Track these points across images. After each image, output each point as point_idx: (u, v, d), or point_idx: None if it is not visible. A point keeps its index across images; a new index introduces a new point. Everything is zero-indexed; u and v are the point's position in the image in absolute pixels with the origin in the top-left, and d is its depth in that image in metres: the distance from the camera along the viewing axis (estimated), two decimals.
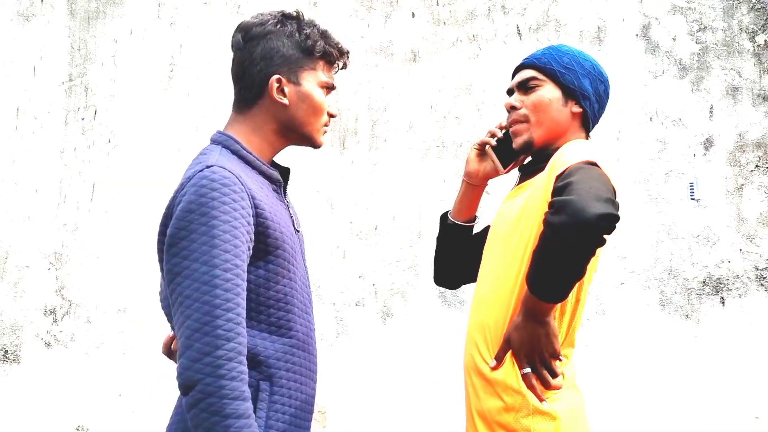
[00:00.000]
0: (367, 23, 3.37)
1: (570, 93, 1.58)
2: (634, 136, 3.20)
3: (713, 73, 3.22)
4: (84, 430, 3.13)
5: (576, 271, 1.28)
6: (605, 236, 1.27)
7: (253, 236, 1.26)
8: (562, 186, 1.31)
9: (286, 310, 1.33)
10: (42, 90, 3.39)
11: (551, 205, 1.29)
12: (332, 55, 1.40)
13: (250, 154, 1.35)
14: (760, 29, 3.24)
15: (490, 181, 1.76)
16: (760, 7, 3.26)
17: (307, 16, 1.41)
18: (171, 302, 1.21)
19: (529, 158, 1.65)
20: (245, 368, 1.19)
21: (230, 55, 1.42)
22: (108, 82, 3.38)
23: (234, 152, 1.34)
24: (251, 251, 1.26)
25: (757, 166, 3.15)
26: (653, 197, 3.15)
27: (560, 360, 1.36)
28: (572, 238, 1.25)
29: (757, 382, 2.98)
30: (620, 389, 3.01)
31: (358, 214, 3.23)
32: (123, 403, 3.13)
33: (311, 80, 1.38)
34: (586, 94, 1.58)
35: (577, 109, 1.59)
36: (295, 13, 1.39)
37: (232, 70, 1.40)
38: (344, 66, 1.45)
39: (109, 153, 3.33)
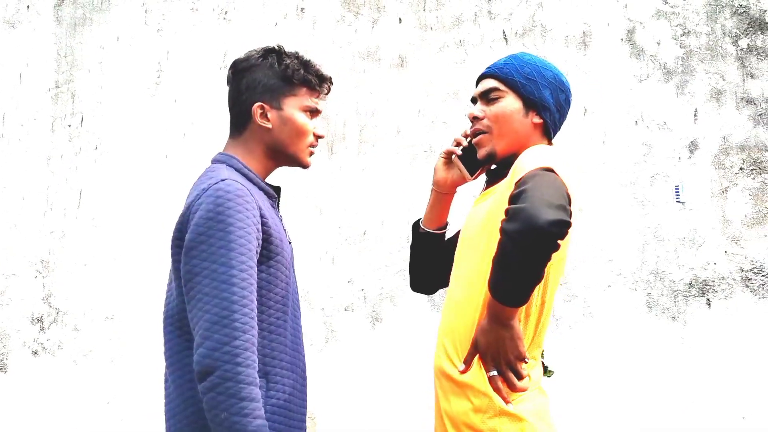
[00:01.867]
0: (354, 29, 3.38)
1: (531, 104, 1.62)
2: (620, 140, 3.22)
3: (697, 77, 3.25)
4: None
5: (533, 276, 1.32)
6: (558, 241, 1.30)
7: (260, 242, 1.41)
8: (517, 194, 1.35)
9: (282, 311, 1.47)
10: (28, 97, 3.38)
11: (506, 212, 1.33)
12: (311, 81, 1.54)
13: (251, 171, 1.51)
14: (742, 33, 3.28)
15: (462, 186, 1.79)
16: (742, 11, 3.30)
17: (289, 49, 1.57)
18: (187, 300, 1.34)
19: (494, 165, 1.69)
20: (256, 357, 1.34)
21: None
22: (95, 88, 3.37)
23: (237, 170, 1.49)
24: (258, 255, 1.42)
25: (741, 168, 3.18)
26: (639, 200, 3.17)
27: (525, 362, 1.39)
28: (526, 245, 1.29)
29: (743, 382, 3.00)
30: (608, 391, 3.03)
31: (346, 219, 3.24)
32: (111, 410, 3.12)
33: (293, 105, 1.53)
34: (546, 105, 1.62)
35: (537, 119, 1.62)
36: (277, 48, 1.56)
37: (227, 101, 1.58)
38: (328, 91, 1.59)
39: (96, 160, 3.32)
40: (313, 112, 1.56)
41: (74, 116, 3.37)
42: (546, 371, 2.55)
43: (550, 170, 1.40)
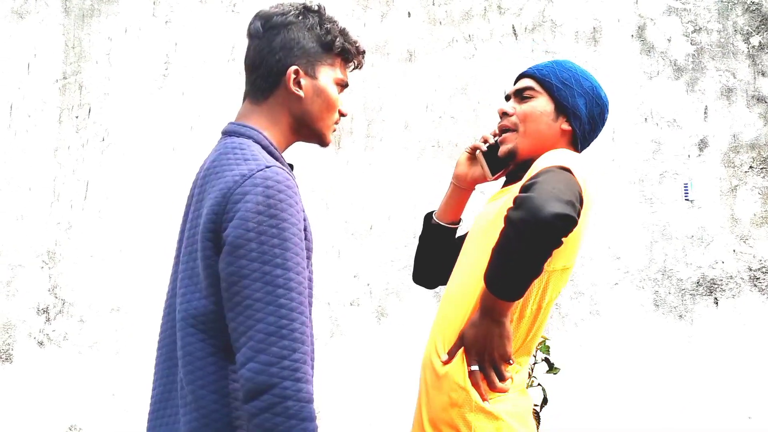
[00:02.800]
0: (363, 22, 3.37)
1: (562, 109, 1.59)
2: (629, 137, 3.20)
3: (708, 75, 3.23)
4: (77, 429, 3.12)
5: (530, 269, 1.28)
6: (562, 238, 1.27)
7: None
8: (527, 185, 1.32)
9: (309, 310, 1.31)
10: (36, 88, 3.37)
11: (513, 201, 1.30)
12: (350, 52, 1.39)
13: (276, 150, 1.33)
14: (754, 31, 3.26)
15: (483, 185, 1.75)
16: (754, 8, 3.27)
17: (328, 12, 1.39)
18: (230, 306, 1.17)
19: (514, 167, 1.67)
20: (312, 371, 1.21)
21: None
22: (102, 80, 3.37)
23: (264, 147, 1.31)
24: None
25: (751, 167, 3.16)
26: (648, 198, 3.16)
27: (510, 363, 1.35)
28: (527, 234, 1.25)
29: (750, 382, 2.99)
30: (614, 389, 3.02)
31: (353, 213, 3.23)
32: (116, 402, 3.12)
33: (328, 75, 1.37)
34: (578, 113, 1.59)
35: (566, 126, 1.59)
36: (316, 7, 1.37)
37: (247, 57, 1.38)
38: (359, 65, 1.44)
39: (103, 151, 3.32)
40: (343, 87, 1.41)
41: (81, 108, 3.37)
42: (552, 368, 2.55)
43: (567, 170, 1.38)
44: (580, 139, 1.62)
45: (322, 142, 1.42)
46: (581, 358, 3.03)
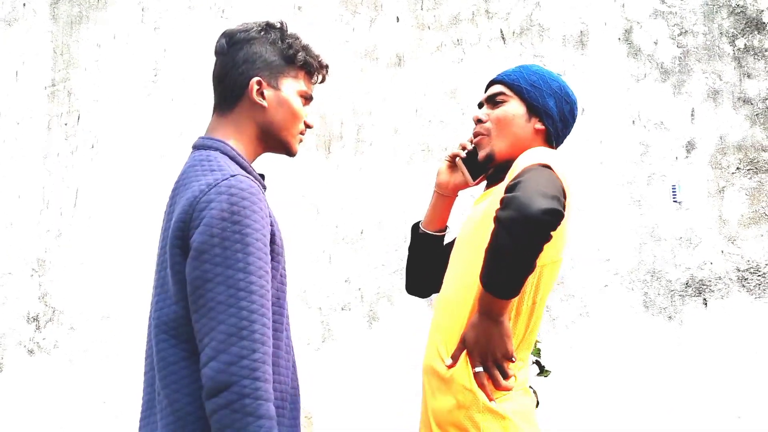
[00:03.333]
0: (351, 27, 3.37)
1: (534, 110, 1.65)
2: (617, 140, 3.22)
3: (694, 77, 3.26)
4: None
5: (524, 265, 1.32)
6: (551, 232, 1.31)
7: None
8: (511, 185, 1.36)
9: (279, 313, 1.37)
10: (24, 95, 3.37)
11: (500, 202, 1.34)
12: (312, 65, 1.45)
13: (244, 160, 1.38)
14: (740, 33, 3.28)
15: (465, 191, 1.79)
16: (740, 11, 3.30)
17: (290, 29, 1.46)
18: (195, 308, 1.23)
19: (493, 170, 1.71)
20: (271, 370, 1.26)
21: (214, 60, 1.45)
22: (91, 87, 3.36)
23: (231, 158, 1.36)
24: None
25: (738, 168, 3.18)
26: (636, 200, 3.17)
27: (512, 361, 1.38)
28: (518, 232, 1.29)
29: (739, 382, 3.01)
30: (604, 390, 3.03)
31: (343, 218, 3.23)
32: (107, 409, 3.11)
33: (291, 87, 1.42)
34: (550, 112, 1.65)
35: (540, 126, 1.66)
36: (278, 24, 1.44)
37: (213, 74, 1.44)
38: (323, 79, 1.50)
39: (92, 158, 3.31)
40: (308, 99, 1.47)
41: (70, 114, 3.36)
42: (543, 371, 2.56)
43: (547, 167, 1.42)
44: (554, 137, 1.69)
45: (289, 152, 1.47)
46: (572, 361, 3.04)
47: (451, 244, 1.78)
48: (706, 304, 3.09)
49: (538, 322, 1.56)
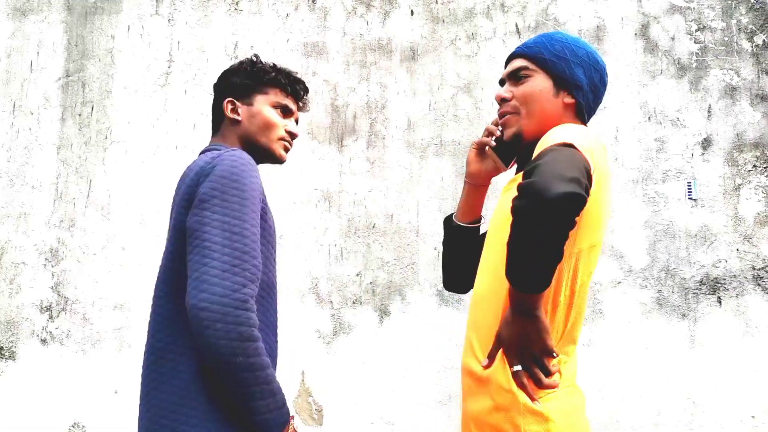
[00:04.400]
0: (365, 21, 3.36)
1: (562, 83, 1.53)
2: (633, 136, 3.20)
3: (711, 73, 3.22)
4: (80, 427, 3.13)
5: (549, 256, 1.20)
6: (574, 217, 1.20)
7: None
8: (529, 170, 1.26)
9: (271, 294, 1.48)
10: (39, 86, 3.38)
11: (516, 189, 1.23)
12: (280, 81, 1.63)
13: None
14: (758, 29, 3.25)
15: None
16: (758, 7, 3.26)
17: (262, 60, 1.70)
18: (191, 249, 1.32)
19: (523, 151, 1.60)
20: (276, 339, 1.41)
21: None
22: (105, 78, 3.37)
23: None
24: None
25: (754, 166, 3.15)
26: (651, 197, 3.15)
27: (553, 357, 1.27)
28: (535, 221, 1.18)
29: (753, 381, 2.98)
30: (617, 388, 3.02)
31: (355, 212, 3.23)
32: (119, 400, 3.13)
33: (262, 101, 1.63)
34: (579, 83, 1.52)
35: (569, 99, 1.53)
36: (254, 57, 1.69)
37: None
38: (303, 95, 1.69)
39: (106, 149, 3.32)
40: (285, 111, 1.65)
41: (85, 106, 3.37)
42: None
43: (570, 145, 1.31)
44: (585, 109, 1.56)
45: (274, 158, 1.65)
46: (584, 358, 3.02)
47: (485, 235, 1.67)
48: (720, 302, 3.07)
49: (582, 311, 1.45)
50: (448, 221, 1.76)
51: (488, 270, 1.48)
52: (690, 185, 3.14)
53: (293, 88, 1.66)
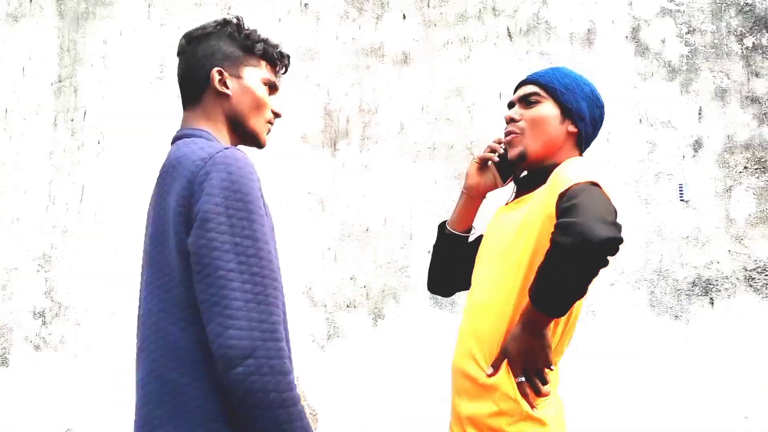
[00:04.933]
0: (358, 25, 3.37)
1: (568, 112, 1.66)
2: (624, 138, 3.21)
3: (702, 76, 3.24)
4: None
5: (579, 291, 1.35)
6: (609, 258, 1.33)
7: None
8: (568, 207, 1.37)
9: (279, 278, 1.36)
10: (31, 91, 3.37)
11: (558, 226, 1.35)
12: (272, 55, 1.47)
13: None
14: (748, 32, 3.27)
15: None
16: (748, 9, 3.29)
17: (250, 25, 1.51)
18: (201, 278, 1.19)
19: (525, 173, 1.73)
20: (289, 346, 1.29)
21: (177, 63, 1.44)
22: (97, 83, 3.36)
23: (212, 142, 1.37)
24: None
25: (745, 167, 3.17)
26: (643, 199, 3.16)
27: (551, 369, 1.43)
28: (578, 260, 1.31)
29: (746, 382, 3.00)
30: (610, 390, 3.03)
31: (349, 215, 3.23)
32: (112, 405, 3.12)
33: (253, 75, 1.44)
34: (583, 115, 1.66)
35: (572, 128, 1.66)
36: (235, 19, 1.47)
37: (178, 74, 1.47)
38: (285, 68, 1.52)
39: (98, 154, 3.31)
40: (272, 88, 1.47)
41: (77, 111, 3.36)
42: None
43: (596, 185, 1.44)
44: (584, 140, 1.70)
45: (258, 143, 1.48)
46: (578, 359, 3.03)
47: (474, 243, 1.81)
48: (712, 303, 3.08)
49: (573, 328, 1.60)
50: (441, 228, 1.87)
51: (490, 283, 1.60)
52: (681, 187, 3.16)
53: (281, 63, 1.50)
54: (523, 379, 1.41)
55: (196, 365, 1.21)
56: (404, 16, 3.37)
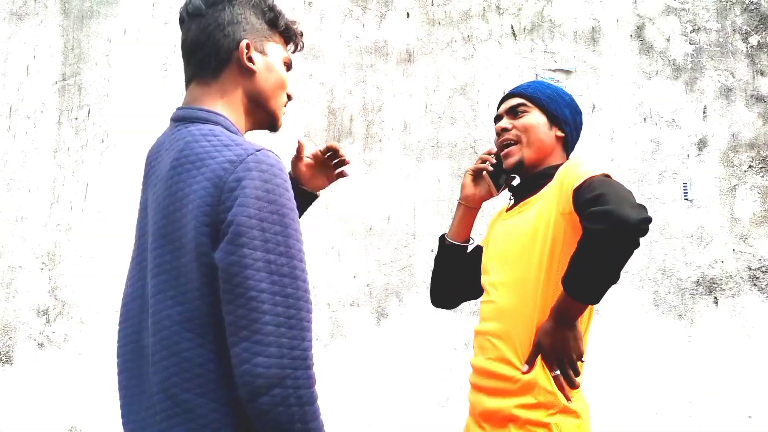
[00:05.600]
0: (362, 23, 3.37)
1: (554, 119, 1.77)
2: (628, 137, 3.21)
3: (707, 74, 3.23)
4: (77, 431, 3.12)
5: (615, 275, 1.40)
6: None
7: None
8: (593, 197, 1.43)
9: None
10: (35, 89, 3.38)
11: (589, 215, 1.41)
12: (292, 32, 1.35)
13: (240, 136, 1.24)
14: (753, 30, 3.26)
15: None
16: (753, 8, 3.28)
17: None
18: (231, 298, 1.09)
19: (518, 180, 1.81)
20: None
21: (184, 25, 1.30)
22: (102, 81, 3.37)
23: (232, 133, 1.23)
24: None
25: (750, 166, 3.16)
26: (647, 197, 3.16)
27: (583, 360, 1.48)
28: (615, 244, 1.37)
29: (749, 381, 2.99)
30: (614, 389, 3.02)
31: (352, 214, 3.23)
32: (116, 403, 3.12)
33: (276, 52, 1.31)
34: (567, 120, 1.77)
35: (560, 133, 1.77)
36: None
37: (186, 39, 1.28)
38: (299, 47, 1.39)
39: (102, 153, 3.32)
40: (289, 68, 1.34)
41: (81, 109, 3.37)
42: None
43: (608, 176, 1.52)
44: (570, 143, 1.80)
45: (275, 125, 1.36)
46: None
47: (473, 252, 1.88)
48: (716, 302, 3.08)
49: (592, 317, 1.66)
50: (442, 240, 1.93)
51: (513, 285, 1.65)
52: (686, 186, 3.15)
53: (297, 42, 1.37)
54: (558, 372, 1.45)
55: (213, 384, 1.13)
56: (408, 15, 3.37)
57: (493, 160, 1.83)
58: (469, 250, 1.92)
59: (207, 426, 1.11)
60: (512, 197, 1.81)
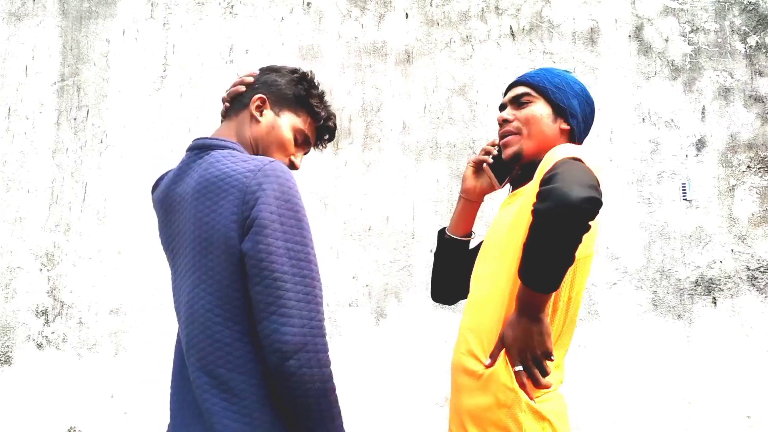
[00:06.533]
0: (360, 24, 3.37)
1: (559, 111, 1.68)
2: (627, 137, 3.21)
3: (705, 75, 3.23)
4: (76, 431, 3.12)
5: (565, 257, 1.31)
6: (589, 221, 1.31)
7: None
8: (547, 178, 1.36)
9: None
10: (34, 90, 3.38)
11: (537, 195, 1.34)
12: (318, 114, 1.57)
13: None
14: (751, 31, 3.26)
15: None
16: (751, 8, 3.28)
17: (316, 82, 1.61)
18: (257, 280, 1.31)
19: (520, 172, 1.73)
20: None
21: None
22: (100, 82, 3.37)
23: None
24: None
25: (748, 167, 3.16)
26: (645, 198, 3.16)
27: (551, 359, 1.37)
28: (558, 222, 1.29)
29: (748, 381, 2.99)
30: (613, 389, 3.02)
31: (351, 214, 3.23)
32: (115, 404, 3.12)
33: (288, 119, 1.55)
34: (575, 112, 1.68)
35: (565, 126, 1.68)
36: (309, 72, 1.61)
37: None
38: (329, 134, 1.62)
39: (101, 153, 3.32)
40: (303, 143, 1.58)
41: (80, 110, 3.37)
42: None
43: (579, 160, 1.43)
44: (577, 137, 1.71)
45: None
46: (580, 359, 3.03)
47: (476, 249, 1.80)
48: (715, 303, 3.08)
49: (575, 318, 1.56)
50: (441, 234, 1.87)
51: (488, 278, 1.59)
52: (684, 186, 3.16)
53: (324, 127, 1.60)
54: (520, 368, 1.37)
55: (241, 360, 1.34)
56: (407, 15, 3.37)
57: (495, 152, 1.77)
58: (473, 245, 1.85)
59: (238, 395, 1.33)
60: (511, 190, 1.75)
